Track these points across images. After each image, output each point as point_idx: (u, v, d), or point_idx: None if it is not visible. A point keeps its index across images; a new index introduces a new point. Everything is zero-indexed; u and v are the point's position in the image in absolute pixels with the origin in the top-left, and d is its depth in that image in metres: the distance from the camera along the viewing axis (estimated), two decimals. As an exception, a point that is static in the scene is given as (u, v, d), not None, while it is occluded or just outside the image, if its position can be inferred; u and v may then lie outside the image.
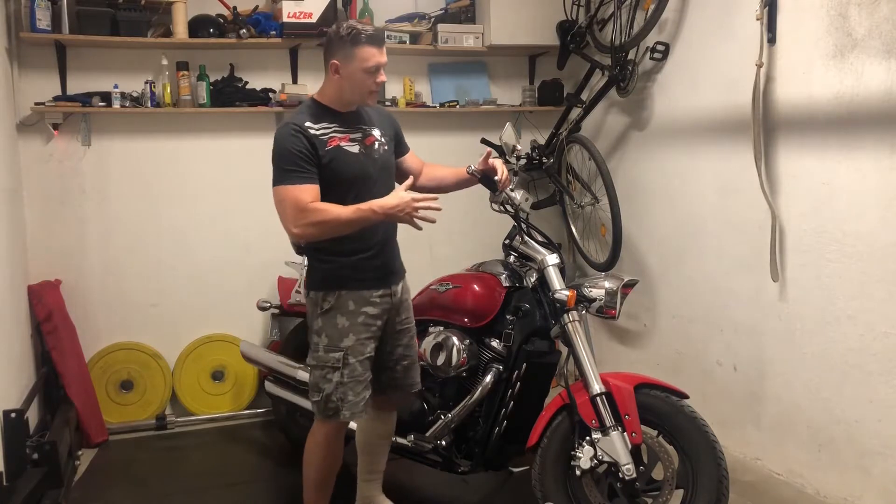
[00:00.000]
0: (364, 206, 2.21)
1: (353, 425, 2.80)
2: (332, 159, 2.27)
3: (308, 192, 2.21)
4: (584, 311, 2.57)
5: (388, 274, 2.42)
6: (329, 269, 2.36)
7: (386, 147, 2.44)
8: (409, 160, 2.61)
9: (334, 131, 2.31)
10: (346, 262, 2.34)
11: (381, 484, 2.68)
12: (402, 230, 2.44)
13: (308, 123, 2.28)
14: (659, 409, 2.41)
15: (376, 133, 2.41)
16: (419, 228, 2.25)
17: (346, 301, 2.33)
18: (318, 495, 2.46)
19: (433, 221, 2.24)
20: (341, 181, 2.29)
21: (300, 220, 2.20)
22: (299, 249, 3.30)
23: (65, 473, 2.94)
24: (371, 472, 2.65)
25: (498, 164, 2.49)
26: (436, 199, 2.24)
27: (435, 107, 4.14)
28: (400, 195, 2.22)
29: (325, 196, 2.26)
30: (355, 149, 2.33)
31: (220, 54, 3.78)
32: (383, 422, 2.62)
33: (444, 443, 2.74)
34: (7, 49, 3.36)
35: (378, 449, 2.64)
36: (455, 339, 2.70)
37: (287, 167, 2.22)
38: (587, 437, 2.37)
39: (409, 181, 2.32)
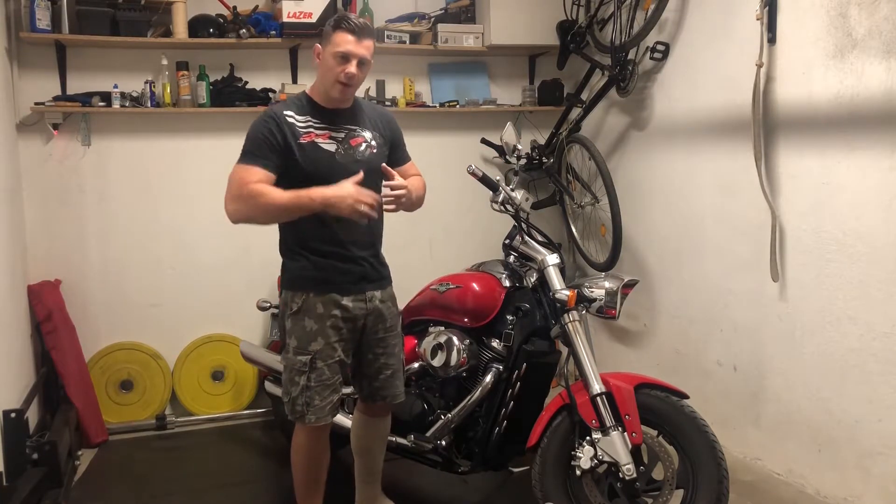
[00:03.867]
0: (303, 192, 2.14)
1: (347, 423, 2.80)
2: (302, 153, 2.23)
3: (255, 174, 2.17)
4: (584, 311, 2.57)
5: (361, 279, 2.34)
6: (298, 269, 2.32)
7: (375, 150, 2.36)
8: (405, 171, 2.48)
9: (313, 126, 2.28)
10: (317, 262, 2.29)
11: (381, 483, 2.67)
12: (406, 233, 2.44)
13: (289, 112, 2.26)
14: (659, 409, 2.40)
15: (367, 135, 2.36)
16: (363, 222, 2.19)
17: (314, 304, 2.28)
18: (308, 495, 2.44)
19: (374, 217, 2.19)
20: (312, 177, 2.21)
21: (235, 197, 2.17)
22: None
23: (65, 473, 2.95)
24: (369, 474, 2.64)
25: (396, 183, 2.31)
26: (378, 200, 2.17)
27: (435, 107, 4.14)
28: (343, 186, 2.14)
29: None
30: (332, 147, 2.28)
31: (220, 54, 3.78)
32: (375, 427, 2.59)
33: (444, 443, 2.74)
34: (7, 49, 3.36)
35: (374, 453, 2.63)
36: (455, 339, 2.70)
37: (248, 148, 2.22)
38: (587, 437, 2.37)
39: (359, 176, 2.17)
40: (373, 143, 2.36)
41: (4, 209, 3.11)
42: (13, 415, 2.73)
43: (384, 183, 2.31)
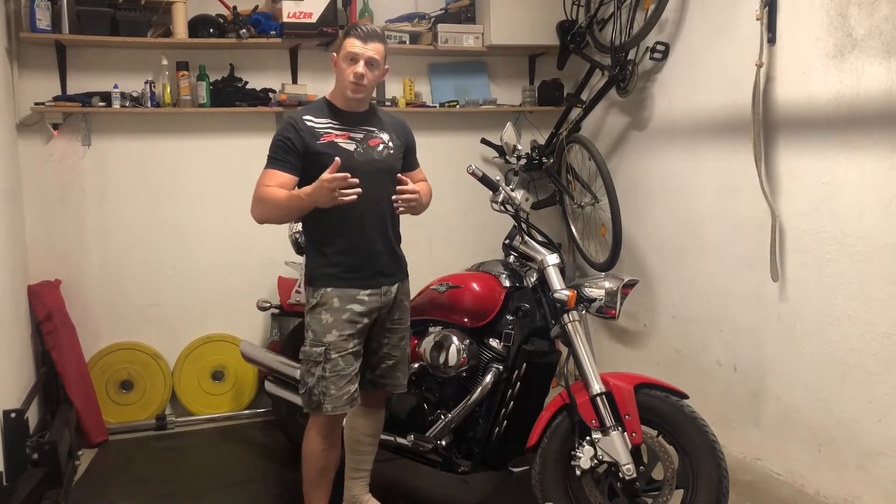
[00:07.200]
0: (295, 192, 2.29)
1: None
2: (323, 153, 2.33)
3: (271, 177, 2.34)
4: (584, 311, 2.57)
5: (377, 274, 2.43)
6: (318, 265, 2.42)
7: (391, 151, 2.47)
8: (413, 177, 2.56)
9: (333, 128, 2.40)
10: (334, 260, 2.39)
11: (368, 483, 2.66)
12: (406, 233, 2.47)
13: (308, 117, 2.40)
14: (659, 408, 2.41)
15: (384, 136, 2.47)
16: (347, 201, 2.19)
17: (331, 298, 2.37)
18: (315, 491, 2.45)
19: (354, 197, 2.19)
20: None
21: (254, 200, 2.36)
22: (299, 249, 3.30)
23: (65, 473, 2.94)
24: (357, 471, 2.64)
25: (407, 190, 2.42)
26: (346, 177, 2.17)
27: (435, 107, 4.14)
28: (319, 180, 2.19)
29: None
30: (350, 146, 2.39)
31: (220, 54, 3.78)
32: (370, 419, 2.62)
33: (444, 443, 2.74)
34: (7, 49, 3.36)
35: (364, 447, 2.63)
36: (455, 339, 2.70)
37: (270, 154, 2.38)
38: (587, 437, 2.37)
39: (335, 163, 2.19)
40: (390, 144, 2.48)
41: (4, 209, 3.11)
42: (13, 415, 2.73)
43: (398, 188, 2.42)
